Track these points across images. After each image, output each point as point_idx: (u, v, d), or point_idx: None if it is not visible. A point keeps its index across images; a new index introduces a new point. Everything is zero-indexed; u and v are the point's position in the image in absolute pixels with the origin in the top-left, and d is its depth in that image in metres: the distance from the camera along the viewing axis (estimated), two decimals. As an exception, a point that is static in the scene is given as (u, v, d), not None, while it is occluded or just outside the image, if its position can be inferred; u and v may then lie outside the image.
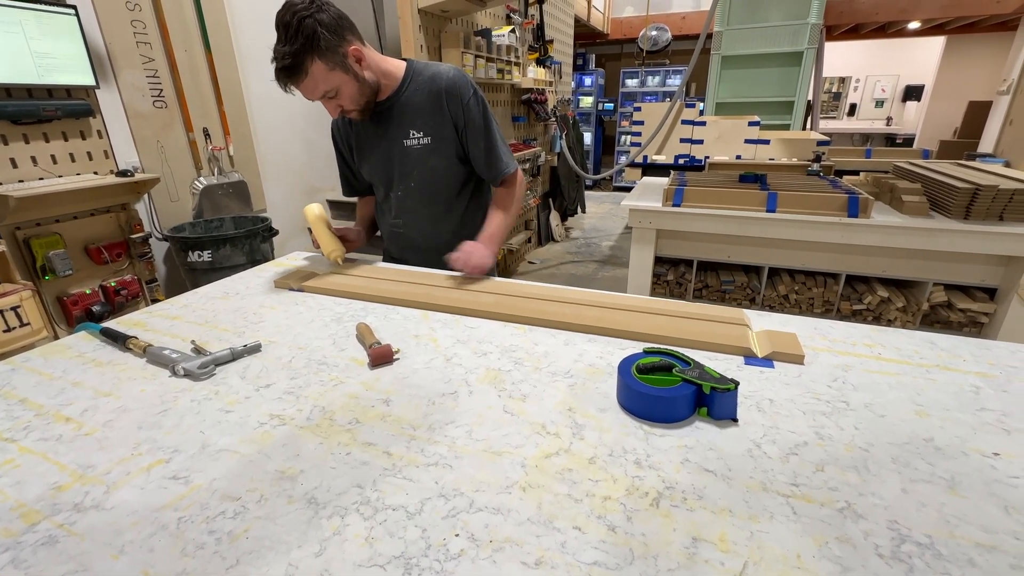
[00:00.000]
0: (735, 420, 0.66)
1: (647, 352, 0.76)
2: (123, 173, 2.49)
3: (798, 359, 0.80)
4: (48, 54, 2.20)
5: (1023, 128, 5.16)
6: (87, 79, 2.34)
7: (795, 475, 0.56)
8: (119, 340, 0.88)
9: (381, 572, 0.46)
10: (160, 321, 0.99)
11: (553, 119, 4.67)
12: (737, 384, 0.65)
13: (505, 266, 4.02)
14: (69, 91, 2.36)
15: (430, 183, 1.27)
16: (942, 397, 0.71)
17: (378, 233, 1.49)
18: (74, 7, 2.27)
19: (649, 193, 2.66)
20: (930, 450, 0.60)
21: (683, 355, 0.73)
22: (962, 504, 0.52)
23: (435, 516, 0.51)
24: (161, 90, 2.75)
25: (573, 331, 0.92)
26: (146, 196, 2.73)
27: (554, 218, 5.23)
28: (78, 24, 2.28)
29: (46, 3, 2.19)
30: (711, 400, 0.65)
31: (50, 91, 2.30)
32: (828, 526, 0.50)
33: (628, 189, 3.11)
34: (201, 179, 2.94)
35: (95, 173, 2.49)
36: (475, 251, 1.15)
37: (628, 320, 0.92)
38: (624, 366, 0.71)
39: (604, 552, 0.47)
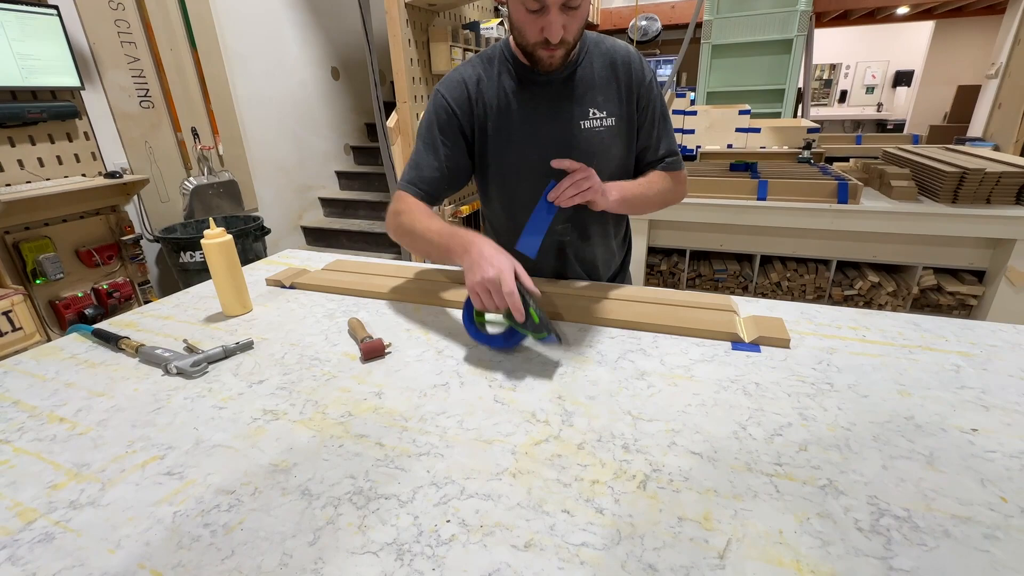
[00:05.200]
0: (559, 339, 0.74)
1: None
2: (111, 175, 2.48)
3: (784, 343, 0.81)
4: (31, 55, 2.18)
5: (1012, 111, 5.19)
6: (72, 80, 2.32)
7: (779, 455, 0.58)
8: (111, 341, 0.88)
9: (374, 558, 0.47)
10: (152, 321, 1.00)
11: (544, 112, 4.65)
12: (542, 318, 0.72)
13: (499, 260, 4.02)
14: (54, 93, 2.34)
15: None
16: (924, 376, 0.72)
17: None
18: (56, 7, 2.25)
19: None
20: (910, 428, 0.62)
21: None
22: (940, 478, 0.54)
23: (427, 503, 0.52)
24: (147, 90, 2.73)
25: (563, 321, 0.93)
26: (136, 197, 2.72)
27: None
28: (60, 25, 2.26)
29: (27, 3, 2.16)
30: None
31: (34, 93, 2.28)
32: (810, 503, 0.51)
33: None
34: (191, 179, 2.93)
35: (83, 175, 2.48)
36: (590, 174, 0.89)
37: (617, 309, 0.93)
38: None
39: (592, 534, 0.48)
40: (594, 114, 0.98)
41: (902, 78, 9.22)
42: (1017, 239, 2.02)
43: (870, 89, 9.52)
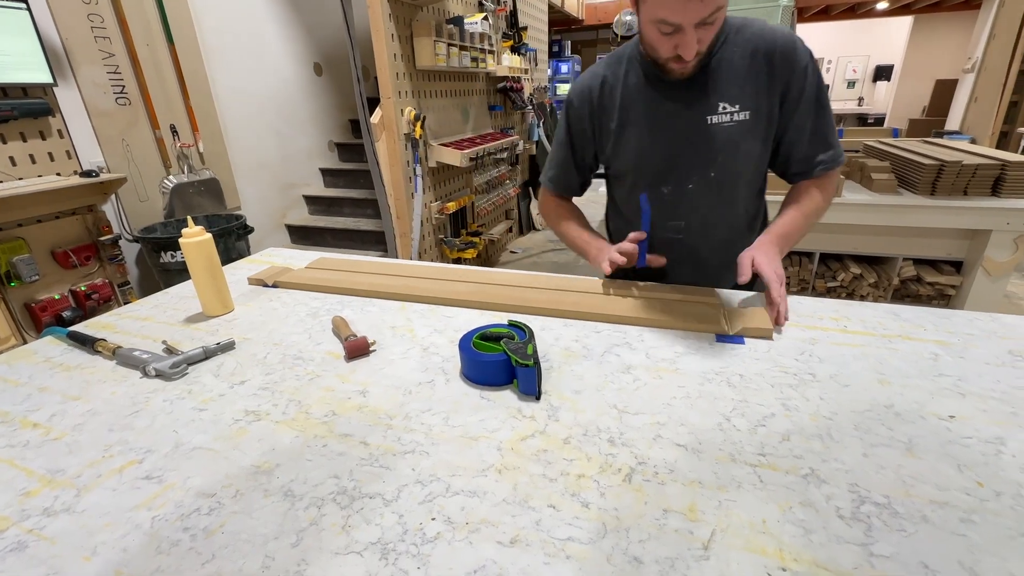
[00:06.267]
0: (536, 397, 0.68)
1: (511, 324, 0.79)
2: (87, 174, 2.42)
3: (767, 333, 0.82)
4: (0, 51, 2.11)
5: (987, 105, 5.30)
6: (44, 77, 2.26)
7: (762, 445, 0.58)
8: (87, 343, 0.86)
9: (358, 558, 0.46)
10: (130, 323, 0.97)
11: (530, 107, 4.65)
12: (537, 364, 0.68)
13: (487, 256, 4.02)
14: (25, 90, 2.27)
15: (739, 173, 0.97)
16: (903, 365, 0.73)
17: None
18: (25, 1, 2.18)
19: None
20: (890, 416, 0.63)
21: (528, 328, 0.76)
22: (918, 465, 0.55)
23: (412, 502, 0.52)
24: (123, 86, 2.66)
25: (550, 316, 0.92)
26: (113, 197, 2.65)
27: (535, 207, 5.23)
28: (31, 19, 2.19)
29: (-5, -3, 2.09)
30: (518, 373, 0.69)
31: (5, 90, 2.21)
32: (792, 492, 0.52)
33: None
34: (171, 178, 2.87)
35: (58, 174, 2.41)
36: (774, 269, 0.84)
37: (604, 304, 0.93)
38: (468, 336, 0.77)
39: (578, 528, 0.48)
40: (724, 108, 0.91)
41: (882, 72, 9.37)
42: (993, 229, 2.07)
43: (851, 83, 9.66)
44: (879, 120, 9.26)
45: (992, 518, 0.48)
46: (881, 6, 7.62)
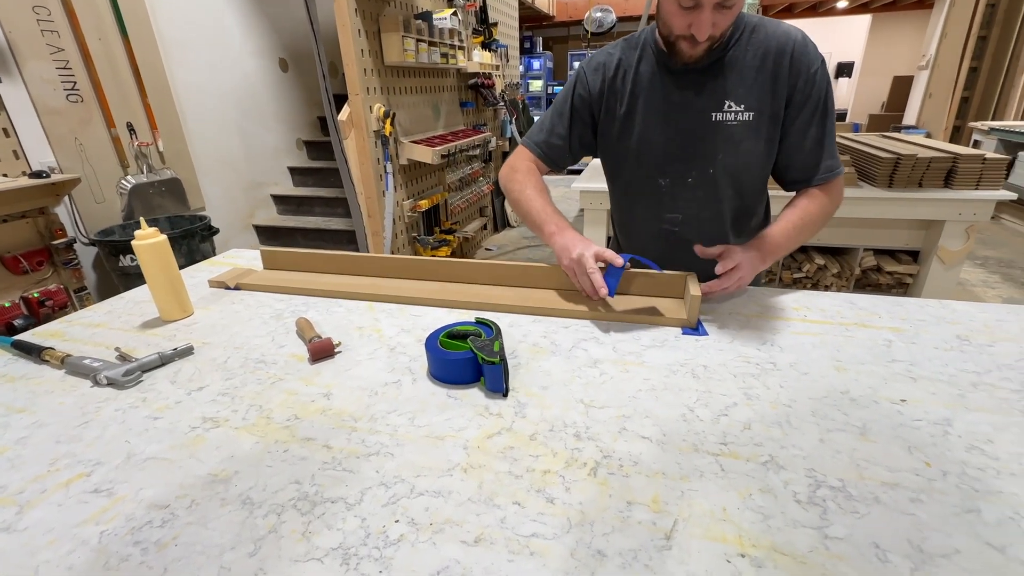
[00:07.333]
0: (504, 395, 0.68)
1: (478, 321, 0.79)
2: (37, 174, 2.30)
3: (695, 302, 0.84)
4: (-64, 45, 1.99)
5: (940, 100, 5.53)
6: (-14, 72, 2.13)
7: (724, 435, 0.59)
8: (33, 352, 0.82)
9: (318, 565, 0.45)
10: (81, 330, 0.93)
11: (502, 104, 4.63)
12: (503, 361, 0.68)
13: (461, 254, 3.99)
14: (-34, 86, 2.14)
15: (737, 171, 0.97)
16: (858, 352, 0.76)
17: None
18: (-37, -8, 2.06)
19: (599, 175, 2.69)
20: (846, 401, 0.65)
21: (496, 325, 0.77)
22: (871, 448, 0.56)
23: (375, 504, 0.51)
24: (75, 83, 2.54)
25: (518, 313, 0.92)
26: (67, 199, 2.53)
27: (508, 203, 5.22)
28: (-30, 11, 2.07)
29: (-71, -13, 1.97)
30: (485, 371, 0.69)
31: (-57, 86, 2.08)
32: (752, 479, 0.53)
33: (579, 171, 3.13)
34: (129, 178, 2.76)
35: (4, 175, 2.29)
36: (744, 271, 0.86)
37: (572, 300, 0.94)
38: (435, 335, 0.76)
39: (542, 524, 0.48)
40: (729, 107, 0.92)
41: (843, 69, 9.67)
42: (946, 220, 2.16)
43: (814, 80, 9.92)
44: (841, 116, 9.55)
45: (939, 496, 0.50)
46: (841, 5, 7.87)
